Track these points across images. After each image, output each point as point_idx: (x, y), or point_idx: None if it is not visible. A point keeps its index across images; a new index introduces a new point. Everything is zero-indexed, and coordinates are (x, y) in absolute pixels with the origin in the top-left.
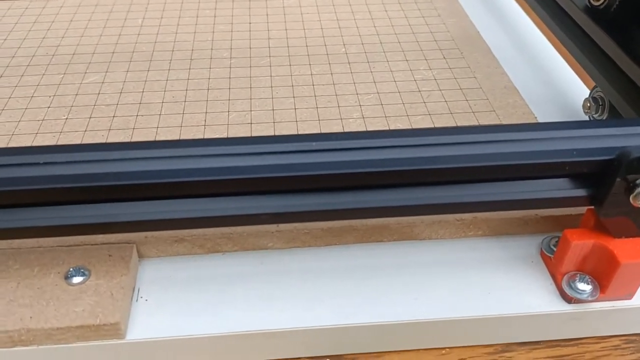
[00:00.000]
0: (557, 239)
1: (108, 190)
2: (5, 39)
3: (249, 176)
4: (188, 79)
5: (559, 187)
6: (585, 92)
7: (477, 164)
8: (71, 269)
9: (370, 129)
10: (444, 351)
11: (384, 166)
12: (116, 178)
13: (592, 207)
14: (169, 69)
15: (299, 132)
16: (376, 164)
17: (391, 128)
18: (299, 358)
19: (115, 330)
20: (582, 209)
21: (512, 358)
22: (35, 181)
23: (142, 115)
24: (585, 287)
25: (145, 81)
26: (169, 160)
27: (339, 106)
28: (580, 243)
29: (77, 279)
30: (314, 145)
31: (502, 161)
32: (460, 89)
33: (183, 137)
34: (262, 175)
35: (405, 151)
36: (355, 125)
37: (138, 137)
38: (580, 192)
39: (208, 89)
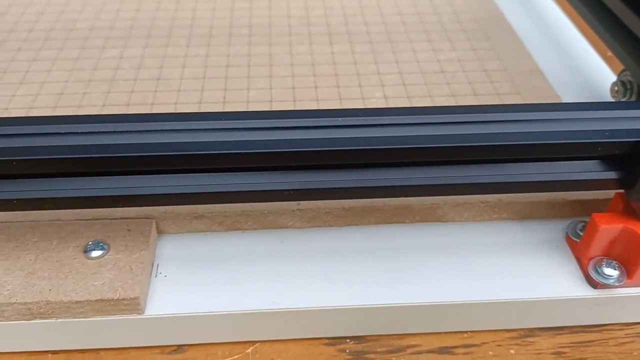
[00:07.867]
0: (583, 224)
1: (128, 162)
2: (23, 13)
3: (273, 150)
4: (207, 56)
5: (589, 169)
6: (611, 76)
7: (505, 143)
8: (90, 243)
9: None
10: (466, 335)
11: (410, 143)
12: (137, 149)
13: (621, 190)
14: (187, 45)
15: None
16: (402, 141)
17: None
18: (318, 339)
19: (134, 304)
20: (609, 194)
21: (535, 343)
22: (55, 151)
23: (160, 91)
24: (612, 272)
25: (164, 57)
26: (190, 132)
27: (360, 86)
28: (609, 227)
29: (95, 253)
30: (340, 120)
31: (530, 140)
32: (485, 70)
33: None
34: (286, 149)
35: (431, 128)
36: (377, 105)
37: None
38: (610, 175)
39: (227, 66)
